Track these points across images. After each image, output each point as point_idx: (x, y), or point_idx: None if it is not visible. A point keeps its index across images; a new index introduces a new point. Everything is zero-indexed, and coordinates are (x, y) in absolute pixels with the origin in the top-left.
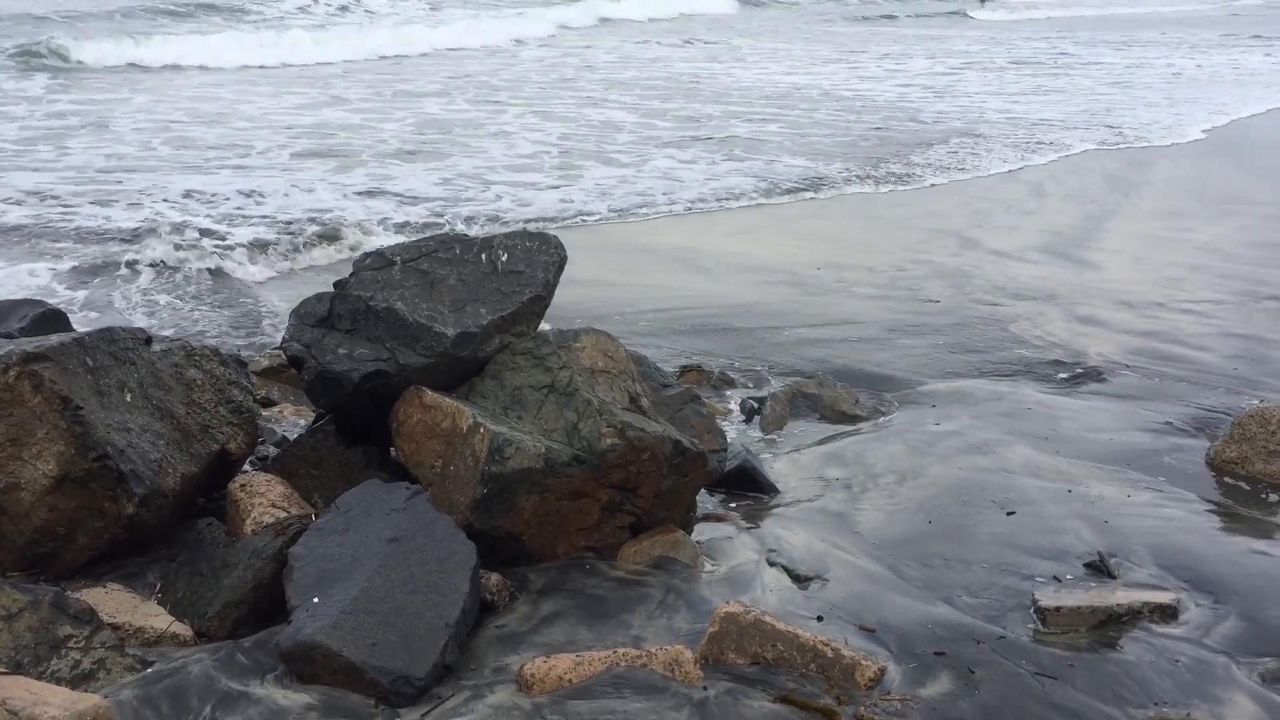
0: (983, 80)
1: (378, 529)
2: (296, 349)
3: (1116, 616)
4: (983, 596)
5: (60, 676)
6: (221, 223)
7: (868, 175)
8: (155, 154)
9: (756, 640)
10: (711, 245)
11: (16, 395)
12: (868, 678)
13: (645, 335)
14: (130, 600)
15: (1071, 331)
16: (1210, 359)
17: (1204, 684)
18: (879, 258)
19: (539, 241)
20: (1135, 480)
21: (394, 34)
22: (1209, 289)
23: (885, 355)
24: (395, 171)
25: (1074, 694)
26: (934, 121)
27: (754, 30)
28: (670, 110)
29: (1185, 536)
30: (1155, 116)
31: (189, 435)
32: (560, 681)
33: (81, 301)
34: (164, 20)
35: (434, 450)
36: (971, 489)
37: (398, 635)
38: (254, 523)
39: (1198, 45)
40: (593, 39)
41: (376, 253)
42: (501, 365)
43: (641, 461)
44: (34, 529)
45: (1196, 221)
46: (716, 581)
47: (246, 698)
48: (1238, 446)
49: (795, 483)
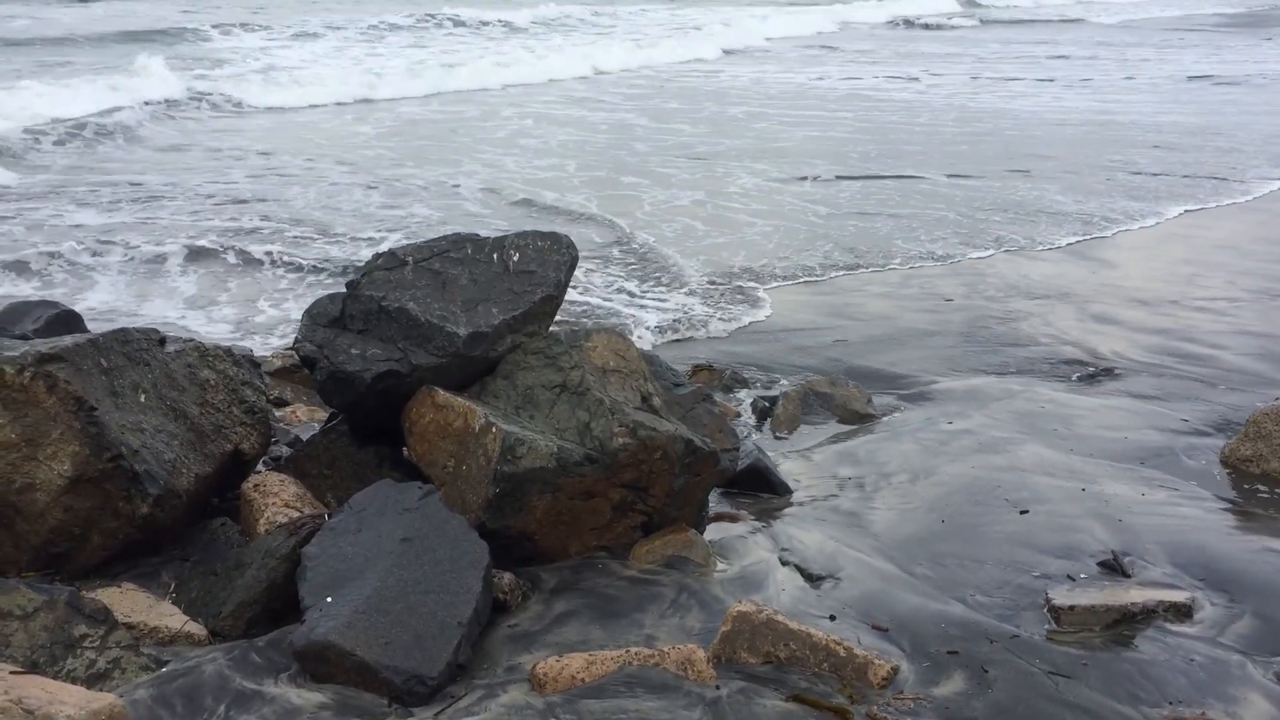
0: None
1: (390, 529)
2: (309, 349)
3: (1131, 615)
4: (996, 595)
5: (75, 676)
6: None
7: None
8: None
9: (769, 639)
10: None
11: (31, 396)
12: (880, 677)
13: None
14: (145, 600)
15: (1085, 329)
16: (1226, 357)
17: (1219, 683)
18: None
19: (550, 241)
20: (1149, 479)
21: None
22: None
23: (898, 354)
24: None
25: (1088, 693)
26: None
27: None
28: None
29: (1200, 535)
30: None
31: (203, 435)
32: (573, 681)
33: None
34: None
35: (446, 450)
36: (985, 488)
37: (411, 635)
38: (267, 522)
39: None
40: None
41: (389, 253)
42: (513, 365)
43: (653, 461)
44: (49, 529)
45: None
46: (729, 581)
47: (260, 697)
48: (1253, 444)
49: (807, 482)
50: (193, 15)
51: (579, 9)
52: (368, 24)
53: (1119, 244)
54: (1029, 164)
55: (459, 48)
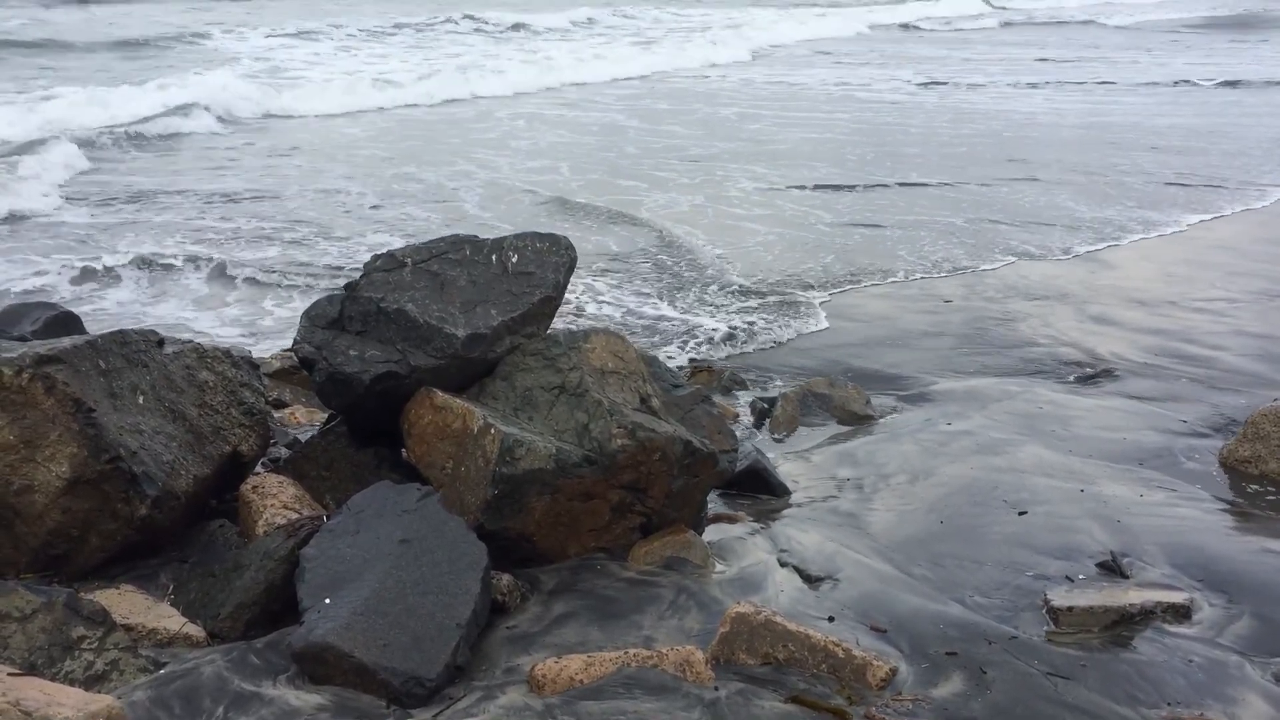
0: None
1: (389, 530)
2: (308, 350)
3: (1129, 616)
4: (995, 596)
5: (74, 677)
6: None
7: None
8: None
9: (768, 641)
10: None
11: (29, 398)
12: (879, 678)
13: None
14: (143, 602)
15: (1083, 330)
16: (1224, 358)
17: (1217, 683)
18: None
19: (549, 243)
20: (1148, 479)
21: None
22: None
23: (897, 355)
24: None
25: (1086, 694)
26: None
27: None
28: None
29: (1198, 536)
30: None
31: (201, 437)
32: (571, 682)
33: None
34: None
35: (445, 451)
36: (983, 489)
37: (409, 636)
38: (266, 524)
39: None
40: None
41: (387, 254)
42: (512, 366)
43: (652, 462)
44: (47, 531)
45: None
46: (727, 582)
47: (259, 698)
48: (1251, 445)
49: (806, 483)
50: (194, 14)
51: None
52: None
53: (1120, 245)
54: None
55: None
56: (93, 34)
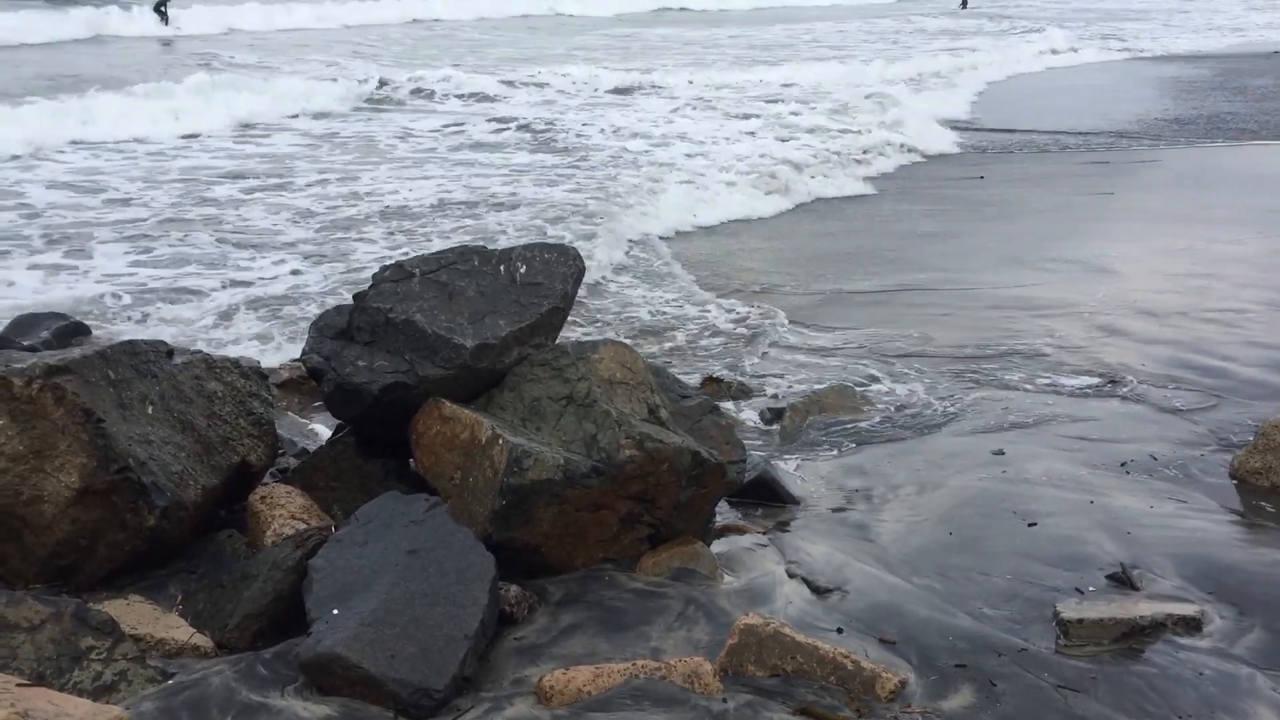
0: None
1: (397, 541)
2: (316, 361)
3: (1139, 629)
4: (1004, 608)
5: (82, 688)
6: None
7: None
8: None
9: (776, 652)
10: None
11: (39, 408)
12: (888, 690)
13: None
14: (151, 612)
15: (1093, 340)
16: (1235, 368)
17: (1228, 696)
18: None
19: (557, 253)
20: (1158, 491)
21: None
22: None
23: (905, 365)
24: None
25: (1096, 707)
26: None
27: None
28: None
29: (1209, 548)
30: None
31: (210, 447)
32: (579, 693)
33: None
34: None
35: (453, 462)
36: (992, 500)
37: (417, 647)
38: (274, 534)
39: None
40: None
41: (395, 265)
42: (520, 377)
43: (660, 473)
44: (56, 541)
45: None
46: (735, 593)
47: (267, 709)
48: (1262, 456)
49: (814, 493)
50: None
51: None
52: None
53: (1126, 255)
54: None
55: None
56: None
